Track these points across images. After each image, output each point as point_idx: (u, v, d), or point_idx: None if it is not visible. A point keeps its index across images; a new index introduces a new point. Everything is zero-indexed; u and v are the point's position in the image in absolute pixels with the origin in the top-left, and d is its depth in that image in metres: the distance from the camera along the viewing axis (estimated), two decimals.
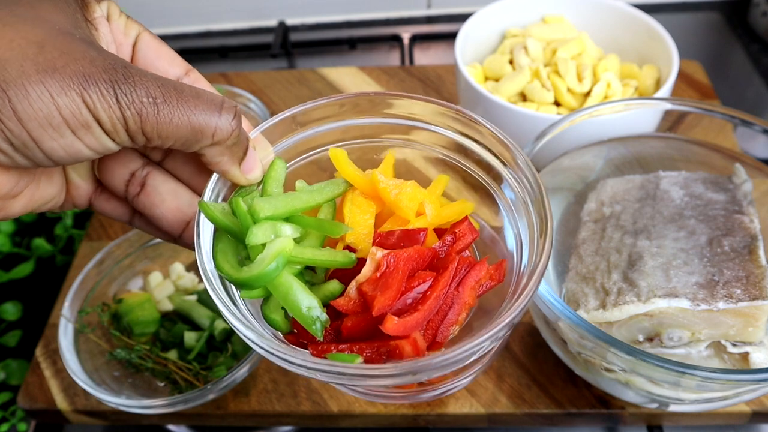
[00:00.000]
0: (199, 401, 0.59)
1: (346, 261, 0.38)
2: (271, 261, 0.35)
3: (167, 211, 0.39)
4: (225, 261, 0.37)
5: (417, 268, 0.38)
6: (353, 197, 0.41)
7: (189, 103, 0.33)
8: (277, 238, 0.37)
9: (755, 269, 0.51)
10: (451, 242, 0.40)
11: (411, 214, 0.40)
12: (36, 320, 0.79)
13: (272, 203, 0.37)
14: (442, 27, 1.20)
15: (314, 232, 0.39)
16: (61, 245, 0.85)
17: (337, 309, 0.37)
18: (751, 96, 1.04)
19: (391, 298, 0.35)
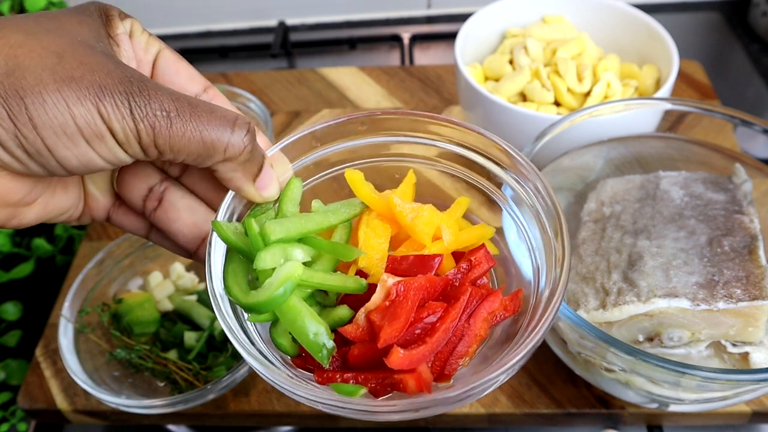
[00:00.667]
0: (199, 401, 0.59)
1: (356, 287, 0.38)
2: (279, 287, 0.35)
3: (183, 227, 0.39)
4: (235, 283, 0.37)
5: (428, 297, 0.36)
6: (369, 220, 0.40)
7: (202, 118, 0.33)
8: (287, 263, 0.36)
9: (755, 269, 0.51)
10: (467, 270, 0.39)
11: (427, 239, 0.39)
12: (36, 320, 0.79)
13: (284, 226, 0.37)
14: (442, 27, 1.20)
15: (327, 255, 0.39)
16: (61, 245, 0.85)
17: (345, 336, 0.36)
18: (751, 96, 1.04)
19: (398, 329, 0.34)
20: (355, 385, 0.35)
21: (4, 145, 0.30)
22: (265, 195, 0.38)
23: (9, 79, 0.30)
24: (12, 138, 0.30)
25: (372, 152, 0.44)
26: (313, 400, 0.33)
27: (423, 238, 0.39)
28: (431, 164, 0.45)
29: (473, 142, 0.43)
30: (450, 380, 0.36)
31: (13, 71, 0.30)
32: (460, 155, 0.44)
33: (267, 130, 0.80)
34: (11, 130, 0.30)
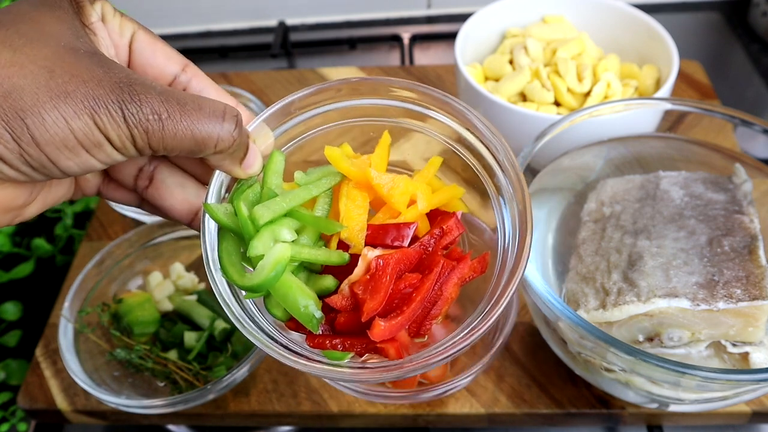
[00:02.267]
0: (199, 401, 0.59)
1: (339, 260, 0.42)
2: (271, 270, 0.38)
3: (176, 203, 0.42)
4: (230, 264, 0.40)
5: (404, 270, 0.41)
6: (348, 191, 0.44)
7: (192, 116, 0.35)
8: (276, 245, 0.39)
9: (755, 269, 0.51)
10: (439, 237, 0.43)
11: (403, 207, 0.43)
12: (36, 320, 0.79)
13: (271, 208, 0.40)
14: (442, 27, 1.20)
15: (311, 229, 0.43)
16: (61, 245, 0.85)
17: (330, 305, 0.40)
18: (751, 96, 1.04)
19: (378, 303, 0.39)
20: (343, 352, 0.40)
21: (10, 164, 0.32)
22: (250, 172, 0.41)
23: (7, 101, 0.31)
24: (17, 157, 0.32)
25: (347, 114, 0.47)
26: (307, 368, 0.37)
27: (399, 206, 0.43)
28: (402, 123, 0.48)
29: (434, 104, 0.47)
30: (425, 337, 0.41)
31: (9, 93, 0.31)
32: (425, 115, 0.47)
33: None
34: (16, 150, 0.32)
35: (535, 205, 0.63)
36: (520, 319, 0.67)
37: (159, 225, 0.71)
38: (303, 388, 0.64)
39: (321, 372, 0.38)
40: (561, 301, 0.49)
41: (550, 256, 0.63)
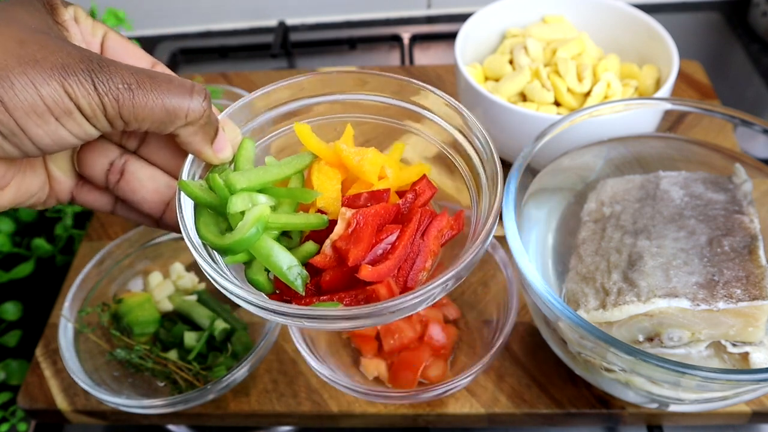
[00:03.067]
0: (199, 401, 0.59)
1: (319, 222, 0.42)
2: (251, 226, 0.39)
3: (147, 194, 0.42)
4: (208, 232, 0.41)
5: (384, 222, 0.42)
6: (320, 167, 0.44)
7: (162, 87, 0.35)
8: (255, 206, 0.40)
9: (755, 269, 0.51)
10: (413, 199, 0.44)
11: (374, 177, 0.44)
12: (36, 320, 0.79)
13: (246, 176, 0.41)
14: (442, 27, 1.20)
15: (287, 201, 0.43)
16: (61, 245, 0.85)
17: (315, 266, 0.41)
18: (751, 96, 1.04)
19: (364, 249, 0.39)
20: (333, 302, 0.39)
21: None
22: (222, 157, 0.41)
23: None
24: None
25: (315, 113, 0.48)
26: (298, 316, 0.37)
27: (370, 177, 0.44)
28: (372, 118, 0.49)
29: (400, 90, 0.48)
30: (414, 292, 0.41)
31: None
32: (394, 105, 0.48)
33: None
34: None
35: (535, 205, 0.63)
36: (520, 319, 0.67)
37: None
38: (303, 388, 0.64)
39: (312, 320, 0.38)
40: (561, 301, 0.49)
41: (550, 256, 0.63)
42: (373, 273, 0.39)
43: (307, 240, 0.42)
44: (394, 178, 0.45)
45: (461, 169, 0.47)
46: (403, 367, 0.62)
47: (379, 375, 0.63)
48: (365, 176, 0.44)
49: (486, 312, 0.66)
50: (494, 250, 0.65)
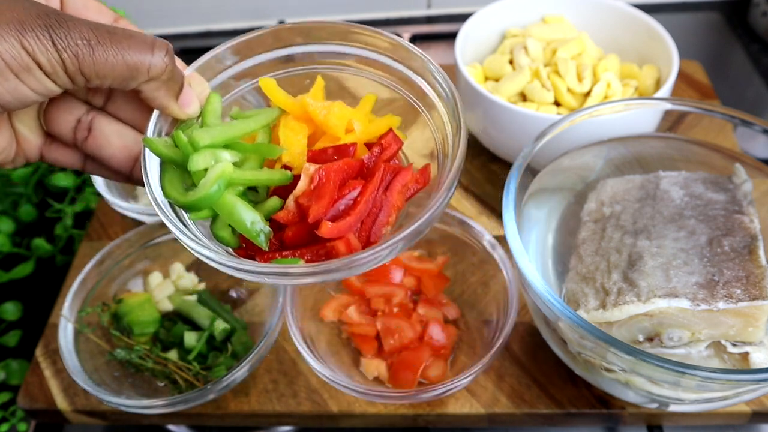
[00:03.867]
0: (199, 401, 0.59)
1: (282, 178, 0.42)
2: (213, 183, 0.39)
3: (116, 151, 0.42)
4: (172, 188, 0.41)
5: (347, 178, 0.41)
6: (286, 121, 0.44)
7: (122, 43, 0.35)
8: (218, 163, 0.40)
9: (755, 269, 0.51)
10: (379, 153, 0.43)
11: (340, 131, 0.44)
12: (36, 320, 0.79)
13: (210, 133, 0.41)
14: (442, 27, 1.20)
15: (253, 156, 0.43)
16: (61, 245, 0.85)
17: (278, 221, 0.41)
18: (751, 96, 1.04)
19: (324, 206, 0.40)
20: (294, 258, 0.40)
21: None
22: (188, 111, 0.41)
23: None
24: None
25: (283, 65, 0.48)
26: (260, 272, 0.38)
27: (337, 130, 0.43)
28: (339, 69, 0.48)
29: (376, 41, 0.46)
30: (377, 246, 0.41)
31: None
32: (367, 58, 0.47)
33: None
34: None
35: (535, 205, 0.63)
36: (520, 319, 0.67)
37: (160, 225, 0.71)
38: (303, 388, 0.64)
39: (273, 276, 0.38)
40: (561, 301, 0.49)
41: (550, 256, 0.63)
42: (333, 229, 0.39)
43: (272, 196, 0.43)
44: (361, 132, 0.44)
45: (427, 118, 0.47)
46: (403, 367, 0.62)
47: (379, 375, 0.63)
48: (332, 130, 0.44)
49: (486, 312, 0.66)
50: (494, 249, 0.65)
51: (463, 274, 0.69)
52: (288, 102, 0.45)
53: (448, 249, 0.70)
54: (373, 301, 0.66)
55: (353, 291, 0.68)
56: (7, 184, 0.85)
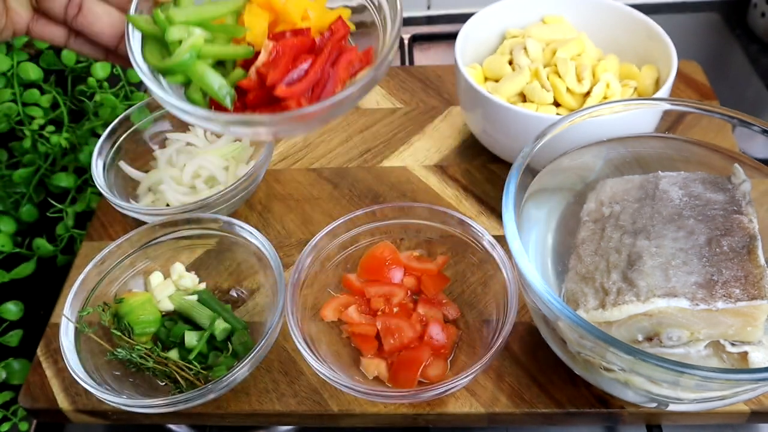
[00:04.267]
0: (199, 401, 0.59)
1: (246, 52, 0.51)
2: (186, 52, 0.48)
3: (104, 27, 0.49)
4: (152, 57, 0.49)
5: (300, 53, 0.50)
6: (251, 8, 0.52)
7: None
8: (191, 36, 0.49)
9: (754, 269, 0.51)
10: (329, 36, 0.52)
11: (297, 18, 0.52)
12: (37, 320, 0.79)
13: (185, 12, 0.49)
14: (442, 27, 1.20)
15: (221, 36, 0.51)
16: (63, 245, 0.85)
17: (242, 88, 0.50)
18: (750, 96, 1.04)
19: (280, 72, 0.48)
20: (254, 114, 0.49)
21: None
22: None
23: None
24: None
25: None
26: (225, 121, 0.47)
27: (294, 17, 0.52)
28: None
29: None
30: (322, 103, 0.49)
31: None
32: None
33: None
34: None
35: (535, 205, 0.63)
36: (519, 319, 0.67)
37: (161, 225, 0.71)
38: (303, 388, 0.64)
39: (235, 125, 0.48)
40: (560, 300, 0.49)
41: (549, 255, 0.63)
42: (287, 91, 0.48)
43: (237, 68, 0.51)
44: (315, 19, 0.52)
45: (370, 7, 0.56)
46: (403, 366, 0.62)
47: (379, 375, 0.63)
48: (290, 17, 0.52)
49: (486, 312, 0.66)
50: (494, 249, 0.65)
51: (463, 274, 0.70)
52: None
53: (448, 249, 0.70)
54: (373, 301, 0.66)
55: (353, 291, 0.68)
56: (9, 184, 0.85)
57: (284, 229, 0.79)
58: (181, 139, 0.86)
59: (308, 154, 0.88)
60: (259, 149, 0.84)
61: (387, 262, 0.68)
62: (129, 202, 0.79)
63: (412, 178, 0.83)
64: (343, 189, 0.83)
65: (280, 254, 0.68)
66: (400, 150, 0.87)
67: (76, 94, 0.94)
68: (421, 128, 0.90)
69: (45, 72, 0.89)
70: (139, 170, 0.83)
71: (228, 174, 0.81)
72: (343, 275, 0.70)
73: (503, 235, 0.54)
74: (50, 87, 0.89)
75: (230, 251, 0.72)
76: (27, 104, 0.85)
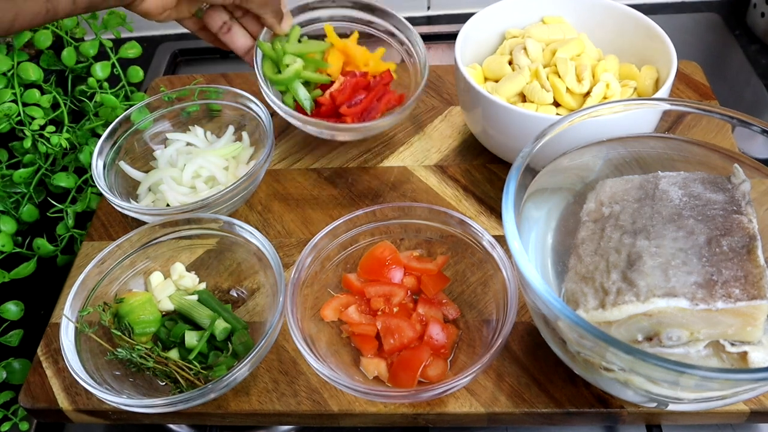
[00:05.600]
0: (200, 400, 0.60)
1: (325, 80, 0.81)
2: (290, 72, 0.79)
3: (241, 45, 0.80)
4: (268, 71, 0.80)
5: (359, 87, 0.81)
6: (333, 51, 0.83)
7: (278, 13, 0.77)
8: (295, 63, 0.79)
9: (753, 269, 0.52)
10: (379, 80, 0.83)
11: (361, 63, 0.83)
12: (38, 320, 0.79)
13: (292, 47, 0.80)
14: (442, 28, 1.20)
15: (312, 66, 0.81)
16: (63, 245, 0.85)
17: (319, 102, 0.81)
18: (749, 96, 1.04)
19: (345, 98, 0.80)
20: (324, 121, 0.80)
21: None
22: (284, 27, 0.79)
23: None
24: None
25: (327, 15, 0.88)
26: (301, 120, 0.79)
27: (359, 62, 0.83)
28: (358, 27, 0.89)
29: None
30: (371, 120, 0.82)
31: None
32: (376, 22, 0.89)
33: (267, 130, 0.80)
34: None
35: (535, 206, 0.63)
36: (519, 318, 0.67)
37: (161, 225, 0.71)
38: (303, 388, 0.64)
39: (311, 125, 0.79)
40: (560, 300, 0.49)
41: (549, 255, 0.63)
42: (347, 111, 0.79)
43: (317, 89, 0.81)
44: (373, 66, 0.83)
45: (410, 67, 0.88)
46: (403, 366, 0.62)
47: (379, 374, 0.63)
48: (356, 62, 0.83)
49: (486, 312, 0.67)
50: (494, 249, 0.65)
51: (463, 274, 0.70)
52: (337, 39, 0.83)
53: (448, 249, 0.70)
54: (373, 301, 0.66)
55: (353, 291, 0.68)
56: (9, 184, 0.85)
57: (284, 229, 0.79)
58: (181, 139, 0.86)
59: (308, 154, 0.88)
60: (259, 149, 0.84)
61: (387, 262, 0.69)
62: (129, 202, 0.79)
63: (412, 178, 0.83)
64: (343, 189, 0.83)
65: (280, 254, 0.68)
66: (400, 150, 0.87)
67: (76, 95, 0.94)
68: (421, 128, 0.90)
69: (45, 72, 0.89)
70: (139, 170, 0.83)
71: (228, 174, 0.81)
72: (343, 275, 0.70)
73: (503, 234, 0.54)
74: (50, 87, 0.89)
75: (230, 251, 0.72)
76: (27, 104, 0.85)
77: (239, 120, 0.87)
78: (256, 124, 0.84)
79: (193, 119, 0.89)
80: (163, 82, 1.02)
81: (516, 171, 0.57)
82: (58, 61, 0.92)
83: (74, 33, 0.94)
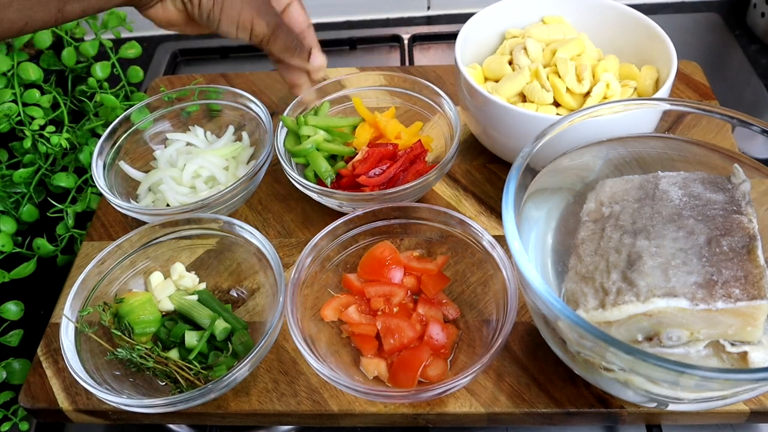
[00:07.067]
0: (200, 400, 0.60)
1: (348, 151, 0.78)
2: (309, 143, 0.76)
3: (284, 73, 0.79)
4: (289, 143, 0.78)
5: (384, 157, 0.76)
6: (363, 125, 0.81)
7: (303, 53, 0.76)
8: (315, 134, 0.77)
9: (754, 269, 0.52)
10: (409, 151, 0.77)
11: (392, 136, 0.80)
12: (38, 320, 0.79)
13: (315, 119, 0.79)
14: (442, 28, 1.20)
15: (338, 139, 0.79)
16: (63, 245, 0.85)
17: (340, 174, 0.76)
18: (749, 96, 1.04)
19: (366, 168, 0.74)
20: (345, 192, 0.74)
21: None
22: (313, 64, 0.78)
23: None
24: None
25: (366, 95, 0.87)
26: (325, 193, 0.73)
27: (389, 135, 0.80)
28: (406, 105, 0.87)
29: None
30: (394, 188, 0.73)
31: None
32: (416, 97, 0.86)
33: (267, 130, 0.80)
34: None
35: (535, 206, 0.63)
36: (519, 318, 0.67)
37: (161, 225, 0.71)
38: (303, 388, 0.64)
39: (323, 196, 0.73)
40: (560, 300, 0.49)
41: (549, 255, 0.63)
42: (366, 180, 0.74)
43: (342, 160, 0.78)
44: (405, 138, 0.80)
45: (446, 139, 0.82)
46: (403, 366, 0.62)
47: (379, 374, 0.63)
48: (387, 134, 0.80)
49: (486, 312, 0.67)
50: (494, 249, 0.65)
51: (463, 273, 0.70)
52: (367, 113, 0.83)
53: (448, 249, 0.70)
54: (373, 301, 0.66)
55: (353, 291, 0.68)
56: (9, 184, 0.85)
57: (284, 229, 0.79)
58: (181, 139, 0.86)
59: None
60: (259, 149, 0.84)
61: (387, 262, 0.69)
62: (129, 202, 0.79)
63: None
64: None
65: (280, 254, 0.68)
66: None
67: (76, 95, 0.94)
68: None
69: (45, 72, 0.89)
70: (139, 170, 0.83)
71: (228, 174, 0.81)
72: (343, 275, 0.70)
73: (503, 234, 0.54)
74: (50, 87, 0.89)
75: (230, 251, 0.72)
76: (27, 104, 0.85)
77: (239, 120, 0.87)
78: (256, 124, 0.84)
79: (193, 119, 0.89)
80: (163, 82, 1.02)
81: (516, 171, 0.57)
82: (58, 61, 0.92)
83: (74, 33, 0.94)
